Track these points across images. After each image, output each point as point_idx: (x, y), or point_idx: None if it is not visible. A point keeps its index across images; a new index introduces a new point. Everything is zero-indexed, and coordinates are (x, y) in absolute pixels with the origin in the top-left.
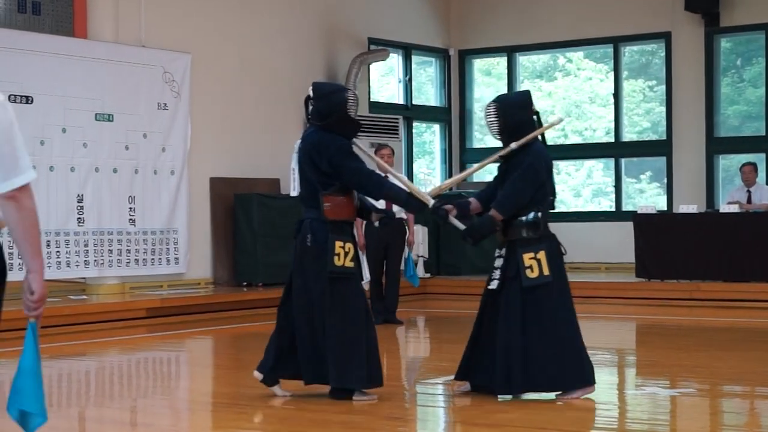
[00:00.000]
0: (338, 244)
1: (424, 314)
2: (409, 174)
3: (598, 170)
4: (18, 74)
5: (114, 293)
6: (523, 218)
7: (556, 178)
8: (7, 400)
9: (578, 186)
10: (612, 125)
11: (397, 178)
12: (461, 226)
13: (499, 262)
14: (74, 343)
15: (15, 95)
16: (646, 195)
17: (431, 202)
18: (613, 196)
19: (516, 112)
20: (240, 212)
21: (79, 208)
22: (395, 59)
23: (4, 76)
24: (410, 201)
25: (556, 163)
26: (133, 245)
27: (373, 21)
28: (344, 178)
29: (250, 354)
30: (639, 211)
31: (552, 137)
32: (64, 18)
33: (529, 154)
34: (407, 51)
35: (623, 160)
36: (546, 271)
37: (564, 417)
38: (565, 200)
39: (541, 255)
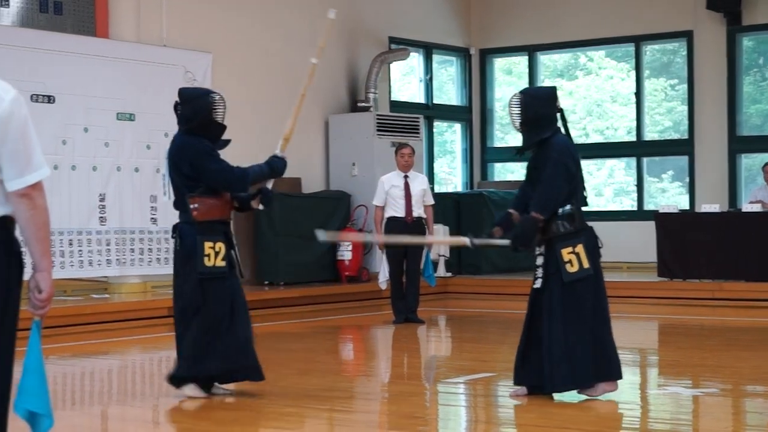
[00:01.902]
0: (208, 245)
1: (445, 313)
2: (430, 173)
3: (620, 169)
4: (40, 74)
5: (136, 292)
6: (559, 212)
7: None
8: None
9: (600, 185)
10: (633, 124)
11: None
12: (505, 242)
13: (539, 260)
14: (96, 341)
15: (37, 95)
16: (668, 194)
17: (468, 241)
18: (635, 196)
19: (540, 106)
20: (262, 211)
21: (101, 207)
22: (416, 58)
23: (27, 75)
24: (274, 171)
25: None
26: (154, 244)
27: (394, 20)
28: (207, 180)
29: (271, 353)
30: (661, 211)
31: (573, 136)
32: (85, 18)
33: (554, 150)
34: (428, 50)
35: (645, 159)
36: (586, 264)
37: (586, 416)
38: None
39: (580, 248)
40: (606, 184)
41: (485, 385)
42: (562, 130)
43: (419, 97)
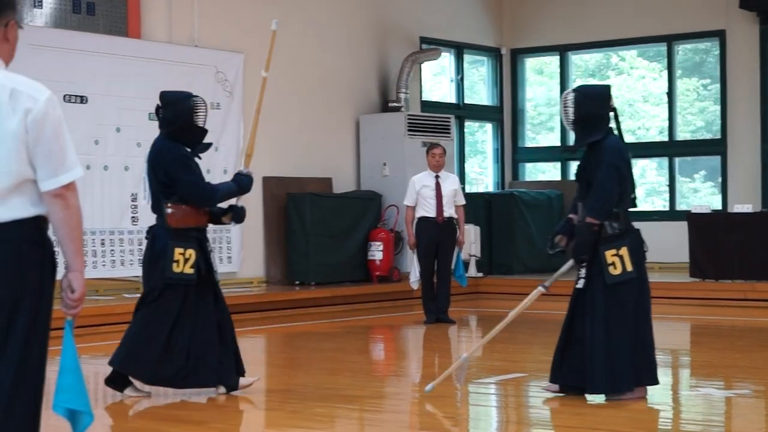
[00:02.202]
0: (178, 250)
1: (477, 313)
2: (461, 173)
3: (652, 169)
4: (73, 74)
5: None
6: None
7: None
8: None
9: None
10: (666, 124)
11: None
12: (569, 265)
13: None
14: None
15: (70, 95)
16: (701, 194)
17: (542, 289)
18: (667, 196)
19: (593, 105)
20: (293, 211)
21: (133, 207)
22: (447, 58)
23: (59, 76)
24: (242, 188)
25: None
26: None
27: (425, 20)
28: (179, 189)
29: (302, 353)
30: (693, 211)
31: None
32: (117, 18)
33: (606, 152)
34: (459, 50)
35: (677, 159)
36: (629, 267)
37: (618, 418)
38: None
39: (624, 251)
40: (638, 184)
41: (516, 386)
42: (615, 129)
43: (450, 97)
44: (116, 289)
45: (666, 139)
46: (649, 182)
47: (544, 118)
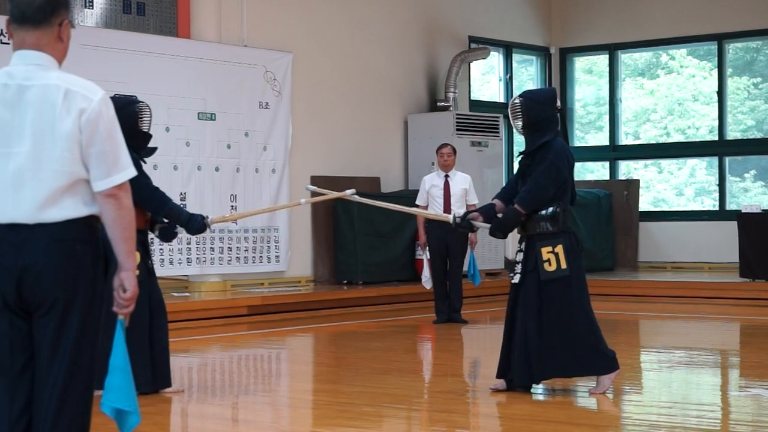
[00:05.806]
0: None
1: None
2: (509, 173)
3: (701, 169)
4: (123, 74)
5: (216, 291)
6: (543, 212)
7: (659, 177)
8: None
9: (681, 185)
10: (716, 123)
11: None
12: (486, 225)
13: (519, 257)
14: (177, 339)
15: (120, 95)
16: (751, 194)
17: (450, 218)
18: (716, 195)
19: (540, 108)
20: (341, 211)
21: (182, 206)
22: (496, 58)
23: (110, 75)
24: (190, 223)
25: (658, 161)
26: (234, 243)
27: (474, 19)
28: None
29: (350, 352)
30: (743, 210)
31: (654, 135)
32: (167, 18)
33: (550, 152)
34: (508, 49)
35: (727, 159)
36: (563, 265)
37: (665, 417)
38: (668, 199)
39: (559, 249)
40: (687, 184)
41: (564, 383)
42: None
43: (499, 97)
44: (165, 288)
45: (716, 138)
46: (698, 182)
47: (593, 118)
